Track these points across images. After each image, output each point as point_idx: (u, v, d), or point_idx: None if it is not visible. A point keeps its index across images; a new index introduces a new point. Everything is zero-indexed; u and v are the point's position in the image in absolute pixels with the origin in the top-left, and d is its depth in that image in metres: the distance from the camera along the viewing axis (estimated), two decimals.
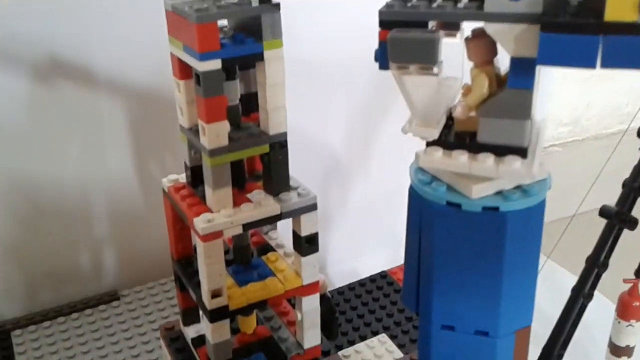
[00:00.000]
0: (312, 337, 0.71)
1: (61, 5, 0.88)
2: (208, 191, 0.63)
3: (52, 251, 1.02)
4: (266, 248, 0.74)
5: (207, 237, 0.61)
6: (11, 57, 0.89)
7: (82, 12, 0.90)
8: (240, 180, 0.67)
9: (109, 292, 1.04)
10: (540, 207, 0.55)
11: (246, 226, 0.63)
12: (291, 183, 0.67)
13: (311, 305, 0.70)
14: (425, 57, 0.50)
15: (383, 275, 1.09)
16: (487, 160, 0.53)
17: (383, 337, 0.92)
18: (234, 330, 0.76)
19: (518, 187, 0.55)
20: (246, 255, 0.71)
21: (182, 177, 0.70)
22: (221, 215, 0.62)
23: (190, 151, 0.66)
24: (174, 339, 0.76)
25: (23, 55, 0.89)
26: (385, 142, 1.21)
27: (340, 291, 1.04)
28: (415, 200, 0.58)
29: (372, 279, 1.08)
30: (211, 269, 0.62)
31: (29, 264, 1.01)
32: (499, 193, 0.55)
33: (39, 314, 0.99)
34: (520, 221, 0.54)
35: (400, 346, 0.90)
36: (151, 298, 1.04)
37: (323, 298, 0.86)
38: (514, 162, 0.52)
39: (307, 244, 0.67)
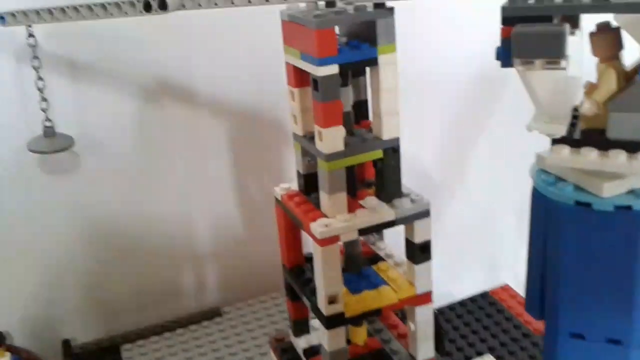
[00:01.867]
0: (426, 349, 0.70)
1: (169, 31, 0.92)
2: (324, 197, 0.63)
3: (156, 269, 1.05)
4: (375, 258, 0.74)
5: (325, 242, 0.61)
6: (122, 80, 0.94)
7: (186, 37, 0.93)
8: (352, 188, 0.67)
9: (212, 309, 1.06)
10: None
11: (362, 231, 0.63)
12: (404, 190, 0.66)
13: (425, 316, 0.68)
14: (552, 51, 0.49)
15: (484, 295, 1.06)
16: (620, 156, 0.51)
17: (488, 357, 0.89)
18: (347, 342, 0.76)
19: None
20: (358, 264, 0.70)
21: (294, 186, 0.70)
22: (337, 220, 0.62)
23: (304, 158, 0.67)
24: (285, 350, 0.76)
25: (132, 78, 0.93)
26: (480, 159, 1.19)
27: (440, 311, 1.02)
28: (540, 202, 0.56)
29: (472, 299, 1.05)
30: (328, 274, 0.62)
31: (135, 281, 1.04)
32: (631, 192, 0.53)
33: (147, 329, 1.01)
34: None
35: None
36: (252, 315, 1.04)
37: None
38: None
39: (420, 252, 0.66)
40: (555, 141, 0.54)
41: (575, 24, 0.56)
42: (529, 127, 0.53)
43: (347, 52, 0.59)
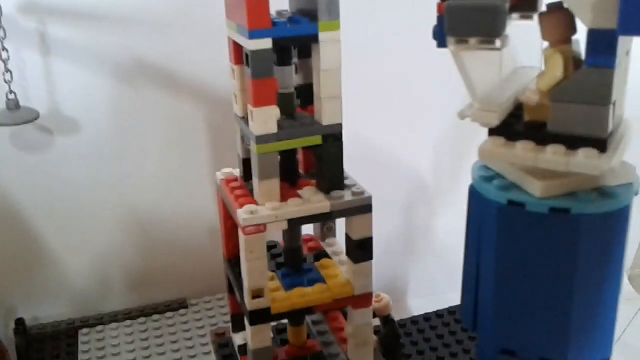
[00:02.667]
0: (364, 356, 0.64)
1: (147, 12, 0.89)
2: (255, 182, 0.59)
3: (125, 256, 1.02)
4: (322, 255, 0.69)
5: (250, 230, 0.57)
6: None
7: (164, 19, 0.90)
8: (292, 176, 0.63)
9: (178, 300, 1.02)
10: (623, 213, 0.47)
11: (292, 222, 0.58)
12: (347, 182, 0.62)
13: (364, 320, 0.63)
14: (486, 28, 0.44)
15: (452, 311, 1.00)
16: (557, 151, 0.45)
17: None
18: (284, 342, 0.72)
19: (596, 190, 0.47)
20: (297, 259, 0.66)
21: (237, 172, 0.66)
22: (266, 208, 0.58)
23: (243, 142, 0.63)
24: (223, 345, 0.72)
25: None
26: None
27: (414, 321, 0.96)
28: (475, 199, 0.51)
29: (450, 311, 0.99)
30: (252, 266, 0.58)
31: (101, 267, 1.01)
32: (572, 195, 0.47)
33: (108, 316, 0.98)
34: (597, 228, 0.46)
35: None
36: (219, 309, 1.01)
37: (387, 320, 0.79)
38: (589, 155, 0.44)
39: (359, 250, 0.61)
40: (491, 132, 0.48)
41: (534, 6, 0.50)
42: (461, 113, 0.48)
43: (283, 26, 0.55)
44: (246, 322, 0.61)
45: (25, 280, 0.98)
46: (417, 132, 1.07)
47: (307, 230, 0.75)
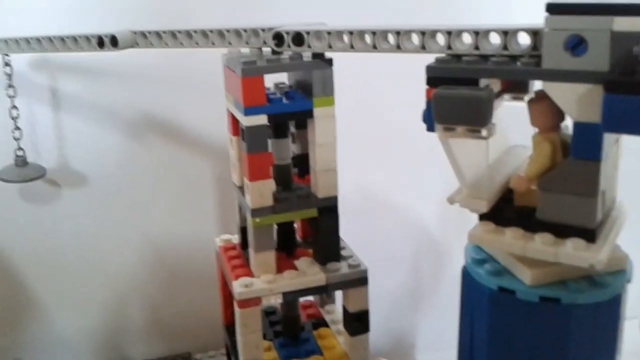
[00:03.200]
0: None
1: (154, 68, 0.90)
2: (251, 254, 0.59)
3: (130, 309, 1.02)
4: (320, 324, 0.69)
5: (244, 304, 0.57)
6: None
7: (172, 75, 0.92)
8: (290, 245, 0.63)
9: (182, 354, 1.02)
10: (615, 302, 0.46)
11: (287, 295, 0.58)
12: (344, 252, 0.62)
13: None
14: (473, 118, 0.44)
15: None
16: (545, 241, 0.45)
17: None
18: None
19: (587, 278, 0.47)
20: (295, 328, 0.66)
21: (236, 238, 0.67)
22: (261, 281, 0.58)
23: (240, 210, 0.63)
24: None
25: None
26: None
27: None
28: (467, 281, 0.51)
29: None
30: (247, 339, 0.58)
31: (104, 320, 1.01)
32: (563, 283, 0.47)
33: None
34: (588, 318, 0.46)
35: None
36: None
37: None
38: (577, 246, 0.44)
39: (356, 322, 0.61)
40: (481, 216, 0.48)
41: (524, 88, 0.51)
42: (450, 199, 0.48)
43: (278, 102, 0.56)
44: None
45: (28, 335, 0.99)
46: (423, 184, 1.06)
47: None
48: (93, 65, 0.90)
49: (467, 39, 0.47)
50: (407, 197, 1.06)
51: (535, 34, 0.44)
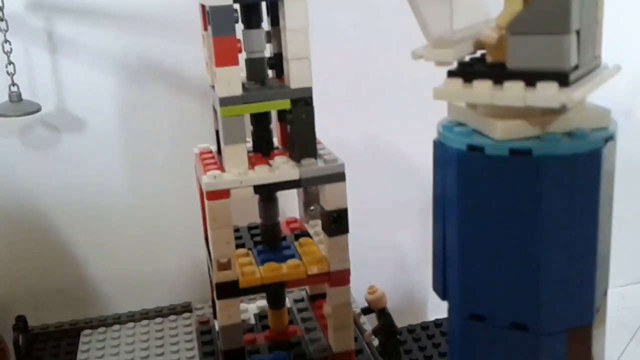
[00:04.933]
0: (343, 339, 0.61)
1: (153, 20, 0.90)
2: (222, 148, 0.57)
3: (133, 258, 1.01)
4: (303, 235, 0.66)
5: (213, 195, 0.55)
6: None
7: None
8: (266, 147, 0.61)
9: (183, 304, 1.00)
10: (593, 157, 0.42)
11: (258, 189, 0.55)
12: (321, 152, 0.59)
13: (341, 300, 0.60)
14: None
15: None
16: (514, 86, 0.42)
17: None
18: (265, 328, 0.68)
19: (564, 134, 0.43)
20: (274, 236, 0.63)
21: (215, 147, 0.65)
22: (230, 174, 0.55)
23: (214, 111, 0.61)
24: (205, 332, 0.70)
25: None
26: None
27: (410, 329, 0.90)
28: (438, 152, 0.47)
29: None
30: (217, 234, 0.55)
31: (111, 269, 1.00)
32: (536, 137, 0.43)
33: (112, 318, 0.97)
34: (562, 172, 0.42)
35: None
36: None
37: (382, 313, 0.75)
38: (548, 87, 0.40)
39: (334, 223, 0.58)
40: (450, 74, 0.45)
41: None
42: (414, 53, 0.45)
43: None
44: (214, 296, 0.58)
45: (30, 281, 0.98)
46: (431, 132, 1.03)
47: (294, 213, 0.73)
48: (89, 7, 0.90)
49: None
50: (418, 148, 1.03)
51: None
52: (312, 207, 0.68)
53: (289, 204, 0.79)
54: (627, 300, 1.12)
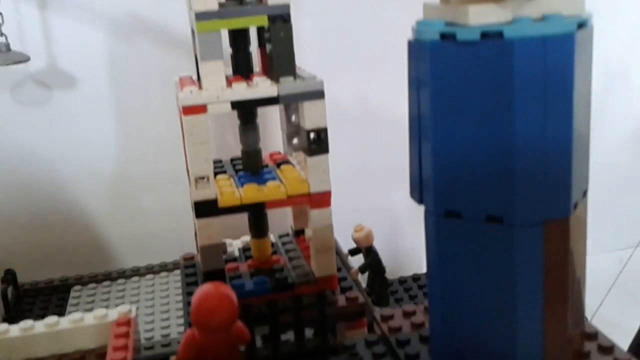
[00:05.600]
0: (324, 263, 0.60)
1: None
2: (199, 65, 0.57)
3: (125, 218, 1.00)
4: (285, 163, 0.65)
5: (189, 110, 0.54)
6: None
7: None
8: (245, 69, 0.60)
9: (174, 262, 0.99)
10: (567, 41, 0.42)
11: (235, 104, 0.55)
12: (300, 73, 0.59)
13: (323, 222, 0.59)
14: None
15: None
16: None
17: None
18: (248, 259, 0.68)
19: (539, 19, 0.43)
20: (255, 162, 0.62)
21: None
22: (207, 90, 0.55)
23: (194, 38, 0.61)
24: (189, 266, 0.69)
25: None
26: None
27: (402, 280, 0.89)
28: (413, 52, 0.47)
29: None
30: (195, 151, 0.55)
31: (99, 225, 1.00)
32: (509, 21, 0.43)
33: (102, 275, 0.97)
34: (534, 54, 0.41)
35: None
36: None
37: (369, 251, 0.75)
38: None
39: (314, 143, 0.57)
40: None
41: None
42: None
43: None
44: (193, 216, 0.58)
45: (21, 239, 0.98)
46: None
47: (278, 148, 0.72)
48: None
49: None
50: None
51: None
52: (295, 141, 0.68)
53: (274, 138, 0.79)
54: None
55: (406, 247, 1.10)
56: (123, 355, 0.50)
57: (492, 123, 0.43)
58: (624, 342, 0.65)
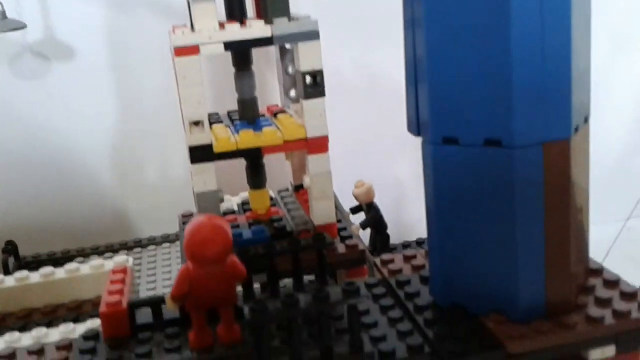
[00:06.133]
0: (323, 210, 0.59)
1: None
2: (190, 7, 0.56)
3: (127, 192, 1.00)
4: (281, 112, 0.64)
5: (181, 52, 0.53)
6: None
7: None
8: (239, 13, 0.59)
9: (176, 233, 0.98)
10: None
11: (228, 45, 0.54)
12: (294, 15, 0.58)
13: (321, 168, 0.58)
14: None
15: None
16: None
17: None
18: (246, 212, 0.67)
19: None
20: (251, 111, 0.61)
21: None
22: (199, 31, 0.54)
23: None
24: (187, 222, 0.68)
25: None
26: None
27: (405, 245, 0.87)
28: None
29: None
30: (188, 93, 0.54)
31: (110, 200, 0.99)
32: None
33: (104, 247, 0.96)
34: None
35: None
36: None
37: (370, 207, 0.74)
38: None
39: (310, 87, 0.56)
40: None
41: None
42: None
43: None
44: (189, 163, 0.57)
45: (22, 213, 0.97)
46: None
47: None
48: None
49: None
50: None
51: None
52: (292, 93, 0.67)
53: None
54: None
55: (410, 217, 1.08)
56: (118, 299, 0.49)
57: (488, 42, 0.42)
58: None
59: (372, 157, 1.03)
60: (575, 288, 0.46)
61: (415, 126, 0.47)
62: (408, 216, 1.08)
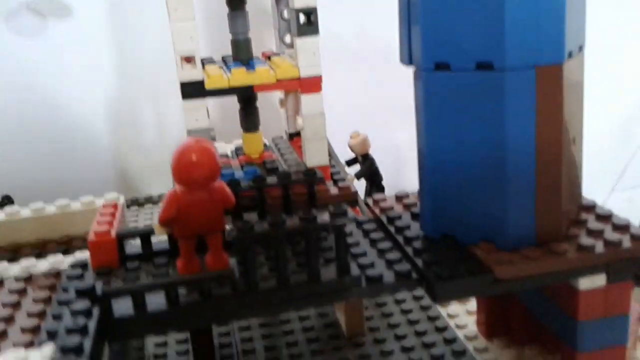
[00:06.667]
0: (316, 152, 0.58)
1: None
2: None
3: (127, 151, 0.99)
4: (276, 56, 0.64)
5: None
6: None
7: None
8: None
9: None
10: None
11: None
12: None
13: (314, 109, 0.58)
14: None
15: None
16: None
17: None
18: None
19: None
20: (244, 50, 0.61)
21: None
22: None
23: None
24: None
25: None
26: None
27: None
28: None
29: None
30: (179, 28, 0.54)
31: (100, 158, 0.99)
32: None
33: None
34: None
35: None
36: None
37: (366, 158, 0.73)
38: None
39: (304, 24, 0.55)
40: None
41: None
42: None
43: None
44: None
45: (19, 168, 0.97)
46: None
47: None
48: None
49: None
50: None
51: None
52: (287, 39, 0.66)
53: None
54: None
55: (409, 184, 1.08)
56: (107, 228, 0.49)
57: None
58: None
59: (370, 123, 1.03)
60: (566, 218, 0.46)
61: (407, 55, 0.47)
62: (406, 183, 1.08)
